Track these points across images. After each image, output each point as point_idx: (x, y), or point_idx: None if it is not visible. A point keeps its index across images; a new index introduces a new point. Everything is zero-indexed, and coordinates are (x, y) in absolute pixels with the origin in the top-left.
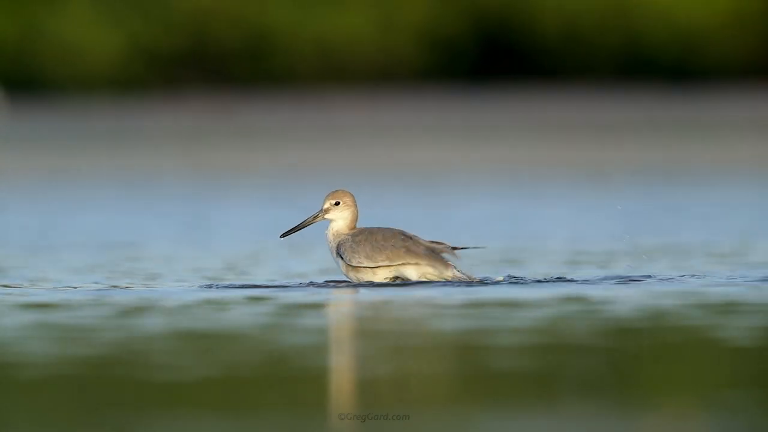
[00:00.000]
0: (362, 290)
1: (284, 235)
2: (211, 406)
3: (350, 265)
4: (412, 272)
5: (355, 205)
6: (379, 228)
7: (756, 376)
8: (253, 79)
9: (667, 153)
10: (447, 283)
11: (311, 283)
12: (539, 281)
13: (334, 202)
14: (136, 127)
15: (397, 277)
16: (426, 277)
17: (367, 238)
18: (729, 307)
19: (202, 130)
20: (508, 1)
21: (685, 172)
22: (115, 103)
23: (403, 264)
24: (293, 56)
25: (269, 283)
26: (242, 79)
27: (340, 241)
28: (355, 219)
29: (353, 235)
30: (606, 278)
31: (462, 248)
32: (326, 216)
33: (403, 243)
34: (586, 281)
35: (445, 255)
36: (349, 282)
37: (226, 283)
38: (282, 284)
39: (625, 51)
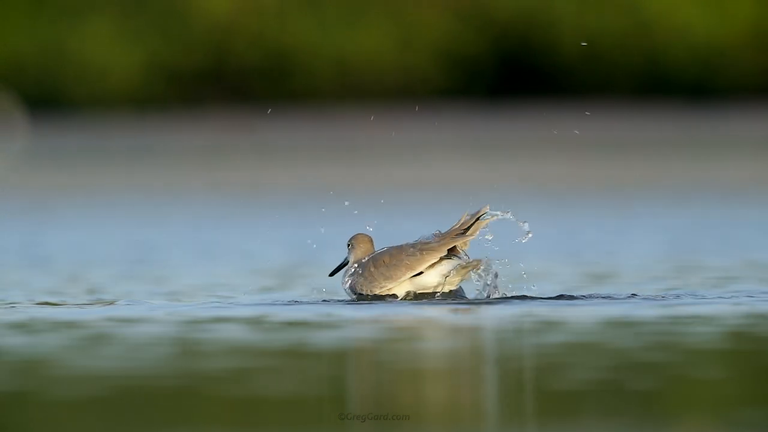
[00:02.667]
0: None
1: (332, 274)
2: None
3: (370, 293)
4: (432, 277)
5: (362, 245)
6: (380, 252)
7: None
8: (272, 97)
9: (686, 171)
10: (463, 302)
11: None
12: (555, 298)
13: (347, 244)
14: (156, 144)
15: (411, 292)
16: (448, 277)
17: (374, 263)
18: (753, 326)
19: (222, 148)
20: (527, 19)
21: (705, 190)
22: (135, 121)
23: (424, 270)
24: (313, 74)
25: (286, 300)
26: (262, 97)
27: (343, 283)
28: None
29: (356, 267)
30: (628, 296)
31: (481, 215)
32: (348, 258)
33: (414, 249)
34: (605, 299)
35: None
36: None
37: (246, 301)
38: (297, 300)
39: (644, 69)
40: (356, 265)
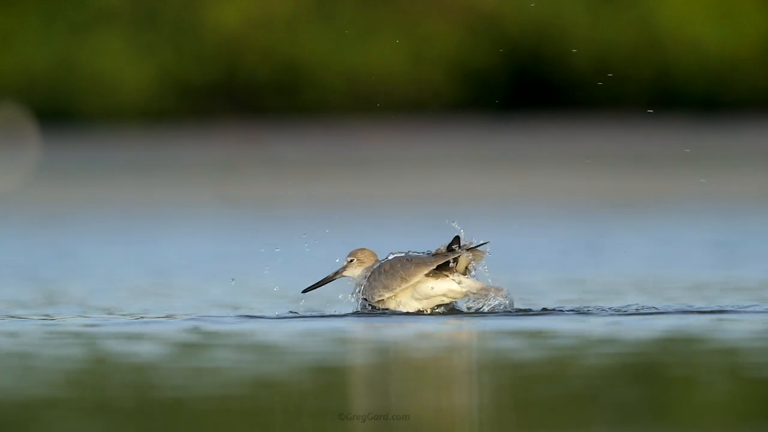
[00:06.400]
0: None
1: (306, 290)
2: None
3: (375, 303)
4: (430, 285)
5: (372, 259)
6: (384, 260)
7: None
8: (283, 111)
9: (697, 184)
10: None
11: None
12: (561, 311)
13: (349, 259)
14: (167, 157)
15: (421, 302)
16: (446, 288)
17: (375, 273)
18: (760, 338)
19: (233, 161)
20: (538, 32)
21: (715, 203)
22: (146, 134)
23: (419, 281)
24: (324, 87)
25: (309, 314)
26: (273, 111)
27: (357, 290)
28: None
29: (365, 276)
30: (636, 308)
31: (470, 247)
32: (344, 273)
33: (409, 261)
34: (615, 311)
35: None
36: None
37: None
38: (325, 314)
39: (655, 83)
40: (366, 275)
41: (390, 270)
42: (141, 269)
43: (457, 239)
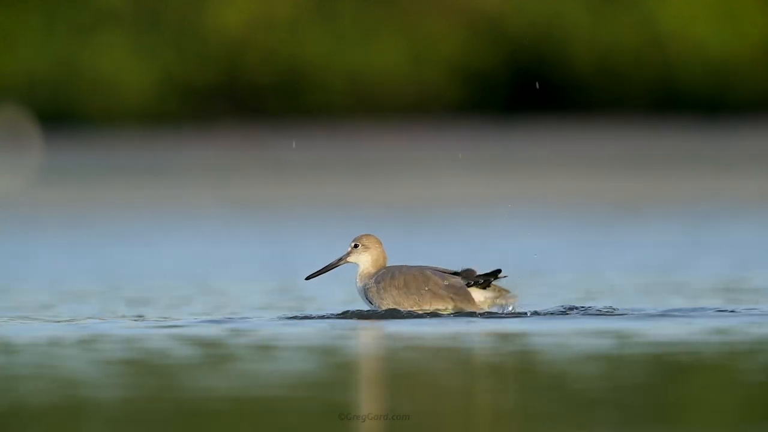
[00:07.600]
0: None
1: (309, 277)
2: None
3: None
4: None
5: (378, 246)
6: (399, 268)
7: None
8: (285, 112)
9: (699, 186)
10: (472, 316)
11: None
12: (563, 313)
13: (353, 245)
14: (169, 160)
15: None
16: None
17: (390, 283)
18: (764, 343)
19: (235, 164)
20: (541, 34)
21: (717, 206)
22: (148, 136)
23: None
24: (326, 89)
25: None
26: (275, 112)
27: (366, 287)
28: (380, 259)
29: (376, 280)
30: (640, 311)
31: (483, 279)
32: (348, 259)
33: (426, 286)
34: (620, 314)
35: (471, 289)
36: (375, 312)
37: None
38: (310, 315)
39: (658, 85)
40: (380, 279)
41: (404, 288)
42: (142, 270)
43: (496, 272)
